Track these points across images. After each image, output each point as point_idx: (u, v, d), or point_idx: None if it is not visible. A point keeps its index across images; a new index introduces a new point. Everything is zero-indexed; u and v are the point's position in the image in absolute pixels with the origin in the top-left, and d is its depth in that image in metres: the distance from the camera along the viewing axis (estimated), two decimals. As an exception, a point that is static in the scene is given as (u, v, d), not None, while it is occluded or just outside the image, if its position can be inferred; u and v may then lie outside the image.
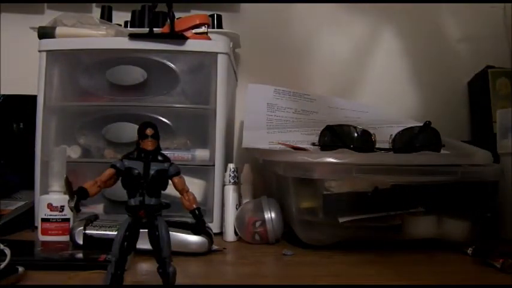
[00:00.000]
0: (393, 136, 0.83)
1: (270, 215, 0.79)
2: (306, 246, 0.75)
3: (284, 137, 0.91)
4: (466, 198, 0.74)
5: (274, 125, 0.96)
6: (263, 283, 0.59)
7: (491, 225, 0.78)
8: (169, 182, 0.47)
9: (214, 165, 0.88)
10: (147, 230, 0.46)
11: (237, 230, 0.81)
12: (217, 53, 0.90)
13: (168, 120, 0.90)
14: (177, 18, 0.91)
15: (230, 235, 0.82)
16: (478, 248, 0.70)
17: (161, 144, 0.47)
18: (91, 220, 0.72)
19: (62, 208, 0.77)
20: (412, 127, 0.83)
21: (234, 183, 0.83)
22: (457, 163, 0.73)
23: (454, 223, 0.76)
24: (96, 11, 1.16)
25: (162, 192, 0.46)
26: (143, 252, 0.53)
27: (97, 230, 0.70)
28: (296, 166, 0.72)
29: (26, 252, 0.67)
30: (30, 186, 0.89)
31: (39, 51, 0.90)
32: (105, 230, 0.69)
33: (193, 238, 0.69)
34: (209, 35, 0.93)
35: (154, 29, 0.91)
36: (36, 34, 0.92)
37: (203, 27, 0.92)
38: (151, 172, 0.45)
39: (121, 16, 1.13)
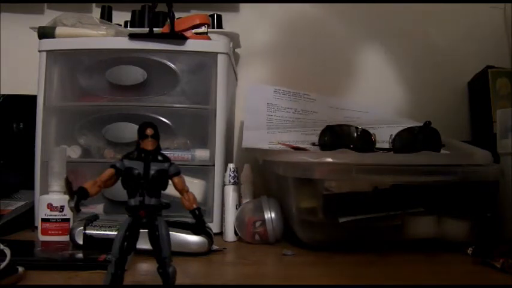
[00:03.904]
0: (393, 136, 0.83)
1: (270, 215, 0.79)
2: (306, 246, 0.75)
3: (284, 137, 0.91)
4: (466, 198, 0.74)
5: (274, 125, 0.96)
6: (263, 283, 0.59)
7: (491, 225, 0.78)
8: (170, 182, 0.47)
9: (214, 165, 0.88)
10: (147, 230, 0.46)
11: (237, 230, 0.81)
12: (217, 53, 0.90)
13: (168, 120, 0.90)
14: (177, 18, 0.91)
15: (230, 235, 0.82)
16: (478, 248, 0.70)
17: (161, 144, 0.47)
18: (91, 220, 0.72)
19: (62, 208, 0.77)
20: (412, 127, 0.83)
21: (234, 183, 0.83)
22: (457, 163, 0.73)
23: (454, 223, 0.75)
24: (96, 11, 1.16)
25: (162, 192, 0.46)
26: (143, 252, 0.53)
27: (97, 230, 0.69)
28: (296, 166, 0.72)
29: (26, 252, 0.66)
30: (30, 186, 0.89)
31: (39, 51, 0.90)
32: (105, 230, 0.69)
33: (193, 238, 0.69)
34: (209, 35, 0.93)
35: (154, 29, 0.91)
36: (36, 34, 0.92)
37: (203, 27, 0.92)
38: (152, 172, 0.45)
39: (121, 16, 1.13)
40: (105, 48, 0.91)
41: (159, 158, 0.46)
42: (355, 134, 0.82)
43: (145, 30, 0.92)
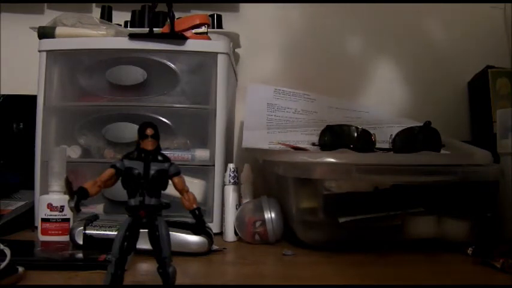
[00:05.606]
0: (393, 136, 0.83)
1: (270, 215, 0.79)
2: (306, 246, 0.75)
3: (284, 137, 0.91)
4: (466, 198, 0.74)
5: (274, 125, 0.96)
6: (263, 283, 0.59)
7: (491, 225, 0.78)
8: (170, 182, 0.47)
9: (214, 165, 0.88)
10: (147, 230, 0.46)
11: (237, 230, 0.81)
12: (217, 53, 0.90)
13: (168, 120, 0.90)
14: (177, 18, 0.91)
15: (230, 235, 0.82)
16: (478, 248, 0.70)
17: (161, 144, 0.47)
18: (91, 220, 0.72)
19: (62, 208, 0.77)
20: (412, 127, 0.84)
21: (234, 183, 0.83)
22: (457, 163, 0.73)
23: (454, 223, 0.75)
24: (96, 11, 1.16)
25: (162, 192, 0.46)
26: (143, 252, 0.53)
27: (97, 230, 0.69)
28: (296, 166, 0.72)
29: (26, 252, 0.67)
30: (30, 186, 0.89)
31: (39, 51, 0.90)
32: (105, 230, 0.69)
33: (193, 238, 0.69)
34: (209, 35, 0.93)
35: (154, 29, 0.91)
36: (36, 34, 0.92)
37: (203, 27, 0.92)
38: (152, 172, 0.45)
39: (121, 16, 1.13)
40: (105, 48, 0.91)
41: (159, 158, 0.46)
42: (355, 134, 0.82)
43: (146, 30, 0.92)
